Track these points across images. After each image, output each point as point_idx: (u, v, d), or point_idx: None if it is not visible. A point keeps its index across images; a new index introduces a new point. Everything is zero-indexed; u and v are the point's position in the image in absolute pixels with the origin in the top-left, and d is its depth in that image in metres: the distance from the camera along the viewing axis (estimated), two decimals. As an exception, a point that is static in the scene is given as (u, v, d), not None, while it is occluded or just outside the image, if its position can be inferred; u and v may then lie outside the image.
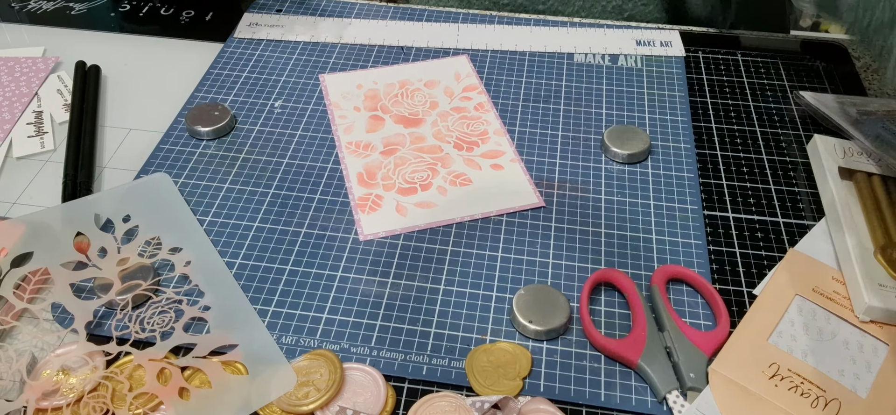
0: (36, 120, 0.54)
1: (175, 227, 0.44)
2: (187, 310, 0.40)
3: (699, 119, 0.54)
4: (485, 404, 0.35)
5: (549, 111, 0.54)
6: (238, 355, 0.38)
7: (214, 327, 0.39)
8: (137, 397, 0.36)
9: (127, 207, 0.45)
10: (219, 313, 0.40)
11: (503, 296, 0.42)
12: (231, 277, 0.42)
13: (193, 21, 0.65)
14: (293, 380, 0.36)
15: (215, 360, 0.37)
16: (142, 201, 0.46)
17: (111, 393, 0.36)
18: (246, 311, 0.40)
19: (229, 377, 0.37)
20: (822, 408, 0.36)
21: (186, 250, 0.43)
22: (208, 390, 0.36)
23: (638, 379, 0.38)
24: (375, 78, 0.57)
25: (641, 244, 0.44)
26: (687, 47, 0.61)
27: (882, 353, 0.38)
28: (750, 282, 0.42)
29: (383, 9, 0.65)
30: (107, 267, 0.42)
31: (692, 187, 0.48)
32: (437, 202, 0.47)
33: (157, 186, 0.47)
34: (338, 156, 0.51)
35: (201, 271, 0.42)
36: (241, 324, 0.39)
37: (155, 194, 0.46)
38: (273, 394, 0.36)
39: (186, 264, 0.42)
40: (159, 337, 0.38)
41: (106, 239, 0.43)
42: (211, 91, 0.56)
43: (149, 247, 0.43)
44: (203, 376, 0.37)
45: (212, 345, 0.38)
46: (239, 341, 0.38)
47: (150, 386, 0.36)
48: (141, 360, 0.37)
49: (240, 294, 0.41)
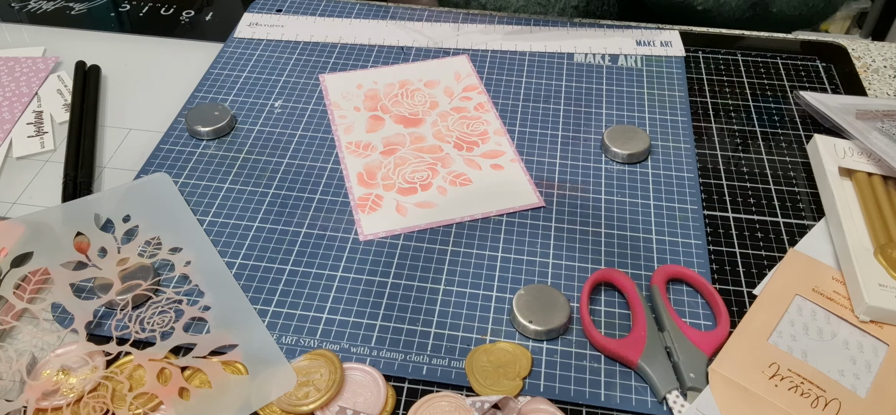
0: (36, 120, 0.54)
1: (175, 227, 0.44)
2: (187, 310, 0.40)
3: (699, 119, 0.54)
4: (485, 404, 0.35)
5: (549, 111, 0.54)
6: (238, 354, 0.38)
7: (214, 327, 0.39)
8: (137, 397, 0.36)
9: (127, 207, 0.45)
10: (219, 313, 0.40)
11: (503, 296, 0.42)
12: (231, 278, 0.42)
13: (193, 21, 0.65)
14: (293, 380, 0.36)
15: (215, 360, 0.37)
16: (142, 201, 0.46)
17: (111, 393, 0.36)
18: (246, 311, 0.40)
19: (229, 377, 0.37)
20: (822, 408, 0.36)
21: (187, 250, 0.43)
22: (208, 390, 0.36)
23: (638, 379, 0.38)
24: (375, 78, 0.57)
25: (641, 244, 0.44)
26: (687, 47, 0.61)
27: (882, 353, 0.38)
28: (750, 282, 0.42)
29: (383, 9, 0.65)
30: (107, 267, 0.42)
31: (692, 187, 0.48)
32: (437, 202, 0.47)
33: (157, 186, 0.47)
34: (338, 156, 0.51)
35: (201, 271, 0.42)
36: (241, 324, 0.39)
37: (155, 194, 0.46)
38: (273, 394, 0.36)
39: (186, 264, 0.42)
40: (159, 337, 0.38)
41: (106, 239, 0.43)
42: (211, 91, 0.56)
43: (149, 247, 0.43)
44: (203, 376, 0.37)
45: (212, 345, 0.38)
46: (239, 341, 0.38)
47: (150, 386, 0.36)
48: (141, 360, 0.37)
49: (240, 294, 0.41)
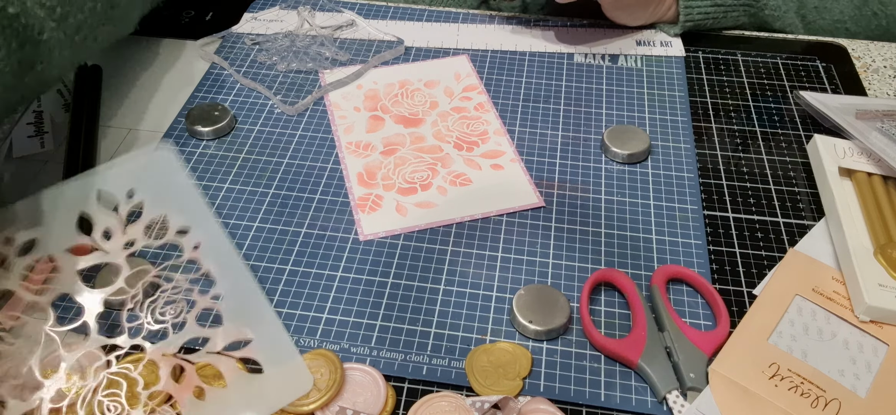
0: (36, 120, 0.54)
1: (182, 205, 0.43)
2: (199, 299, 0.39)
3: (699, 119, 0.54)
4: (485, 404, 0.35)
5: (549, 111, 0.54)
6: (253, 351, 0.37)
7: (228, 319, 0.38)
8: (152, 395, 0.35)
9: (131, 182, 0.43)
10: (232, 302, 0.39)
11: (503, 296, 0.42)
12: (242, 263, 0.41)
13: (193, 21, 0.65)
14: (310, 382, 0.36)
15: (230, 357, 0.37)
16: (145, 177, 0.44)
17: (125, 391, 0.35)
18: (259, 301, 0.39)
19: (245, 376, 0.36)
20: (822, 408, 0.36)
21: (194, 232, 0.41)
22: (223, 389, 0.36)
23: (638, 379, 0.38)
24: (375, 78, 0.57)
25: (641, 244, 0.44)
26: (687, 47, 0.61)
27: (882, 353, 0.38)
28: (750, 282, 0.42)
29: (383, 9, 0.65)
30: (113, 250, 0.40)
31: (692, 187, 0.48)
32: (437, 202, 0.47)
33: (160, 161, 0.45)
34: (338, 156, 0.51)
35: (211, 255, 0.41)
36: (255, 316, 0.38)
37: (159, 170, 0.44)
38: (289, 396, 0.35)
39: (195, 248, 0.41)
40: (172, 329, 0.38)
41: (110, 220, 0.42)
42: (211, 91, 0.56)
43: (155, 226, 0.42)
44: (218, 374, 0.36)
45: (226, 339, 0.37)
46: (254, 336, 0.37)
47: (165, 384, 0.36)
48: (154, 356, 0.37)
49: (252, 282, 0.40)
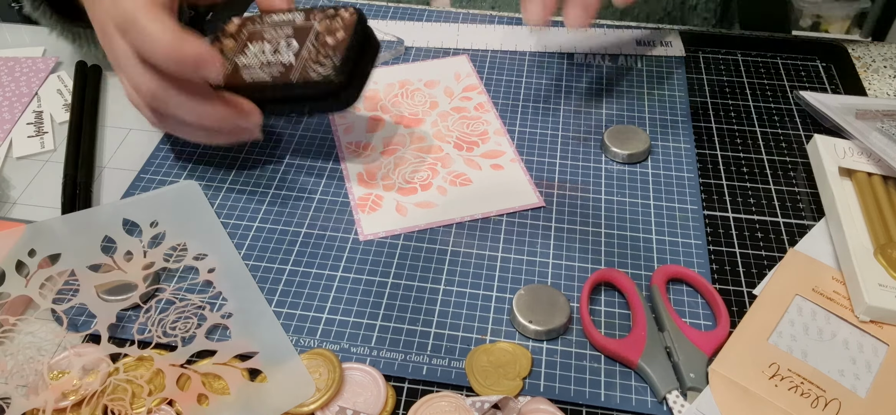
0: (36, 120, 0.54)
1: (201, 234, 0.44)
2: (210, 316, 0.40)
3: (699, 119, 0.54)
4: (485, 404, 0.35)
5: (549, 111, 0.54)
6: (258, 362, 0.38)
7: (236, 335, 0.39)
8: (156, 401, 0.36)
9: (155, 212, 0.45)
10: (241, 319, 0.40)
11: (503, 296, 0.42)
12: (254, 284, 0.42)
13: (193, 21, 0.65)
14: (311, 390, 0.36)
15: (235, 366, 0.37)
16: (170, 208, 0.46)
17: (130, 396, 0.36)
18: (268, 319, 0.40)
19: (248, 385, 0.37)
20: (822, 408, 0.36)
21: (211, 257, 0.43)
22: (227, 397, 0.36)
23: (638, 379, 0.38)
24: (375, 78, 0.57)
25: (641, 244, 0.44)
26: (687, 47, 0.61)
27: (882, 353, 0.38)
28: (750, 282, 0.42)
29: (383, 9, 0.65)
30: (132, 271, 0.42)
31: (692, 187, 0.48)
32: (437, 202, 0.47)
33: (185, 193, 0.47)
34: (338, 156, 0.51)
35: (225, 278, 0.42)
36: (262, 332, 0.39)
37: (183, 201, 0.46)
38: (290, 403, 0.36)
39: (210, 271, 0.42)
40: (181, 342, 0.39)
41: (132, 243, 0.43)
42: (211, 91, 0.56)
43: (174, 252, 0.43)
44: (223, 383, 0.37)
45: (232, 351, 0.38)
46: (259, 349, 0.38)
47: (170, 391, 0.36)
48: (161, 364, 0.37)
49: (262, 301, 0.41)
